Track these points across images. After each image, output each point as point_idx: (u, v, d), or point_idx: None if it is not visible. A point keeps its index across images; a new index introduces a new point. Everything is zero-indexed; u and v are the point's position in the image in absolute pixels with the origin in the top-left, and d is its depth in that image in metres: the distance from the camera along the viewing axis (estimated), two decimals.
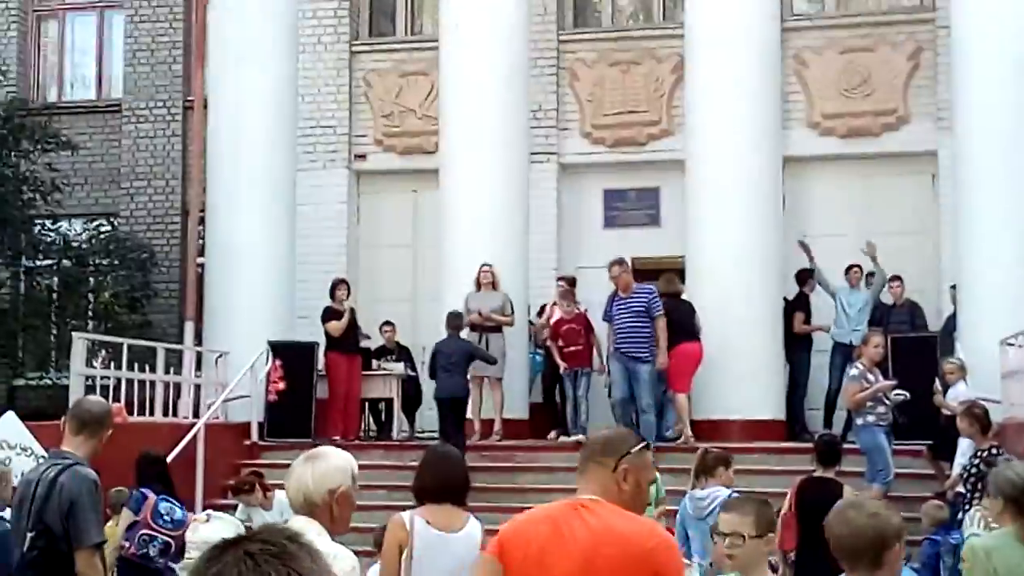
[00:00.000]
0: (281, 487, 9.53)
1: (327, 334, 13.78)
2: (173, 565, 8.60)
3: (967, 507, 9.03)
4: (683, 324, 12.90)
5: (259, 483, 9.78)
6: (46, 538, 4.84)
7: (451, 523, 5.12)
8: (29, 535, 4.91)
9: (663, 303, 12.90)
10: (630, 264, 15.59)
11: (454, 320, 12.87)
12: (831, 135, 15.49)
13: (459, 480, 5.30)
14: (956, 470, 10.09)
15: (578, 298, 14.13)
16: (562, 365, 13.24)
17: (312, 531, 3.47)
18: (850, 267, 14.16)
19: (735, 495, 6.66)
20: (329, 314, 13.81)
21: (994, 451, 9.38)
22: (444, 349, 12.67)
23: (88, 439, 5.06)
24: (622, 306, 12.70)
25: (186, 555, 6.53)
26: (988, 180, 12.75)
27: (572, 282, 14.12)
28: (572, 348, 13.12)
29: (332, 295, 13.99)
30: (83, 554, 4.79)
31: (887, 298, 14.13)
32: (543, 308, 14.27)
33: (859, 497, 4.32)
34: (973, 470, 9.27)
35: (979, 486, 9.10)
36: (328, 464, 3.79)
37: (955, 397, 11.03)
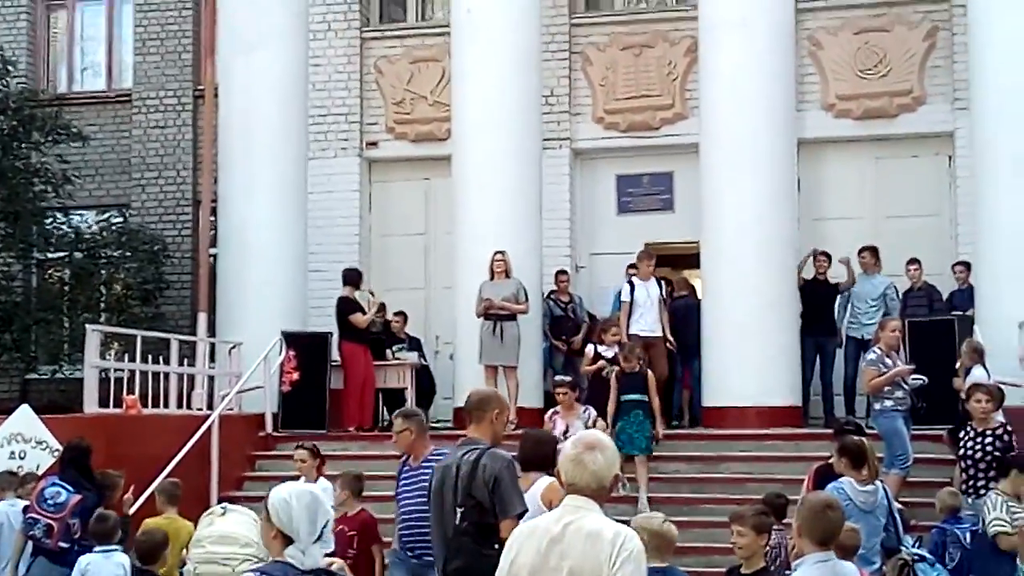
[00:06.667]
0: (294, 479, 9.34)
1: (341, 324, 13.70)
2: (64, 545, 8.57)
3: (982, 491, 8.93)
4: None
5: (315, 466, 9.46)
6: (477, 511, 5.57)
7: (525, 485, 6.31)
8: (459, 510, 5.62)
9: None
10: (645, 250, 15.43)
11: None
12: (846, 117, 15.33)
13: (539, 454, 6.63)
14: None
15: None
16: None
17: (595, 509, 3.83)
18: (862, 250, 13.95)
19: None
20: (349, 305, 13.74)
21: (1006, 433, 9.32)
22: None
23: (479, 425, 5.86)
24: (411, 480, 7.45)
25: (200, 548, 6.45)
26: (1006, 161, 12.61)
27: (573, 386, 11.60)
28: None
29: (357, 285, 14.03)
30: (507, 523, 5.33)
31: (903, 282, 13.99)
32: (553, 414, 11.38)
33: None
34: (990, 452, 9.21)
35: (994, 467, 8.99)
36: (612, 451, 4.00)
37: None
